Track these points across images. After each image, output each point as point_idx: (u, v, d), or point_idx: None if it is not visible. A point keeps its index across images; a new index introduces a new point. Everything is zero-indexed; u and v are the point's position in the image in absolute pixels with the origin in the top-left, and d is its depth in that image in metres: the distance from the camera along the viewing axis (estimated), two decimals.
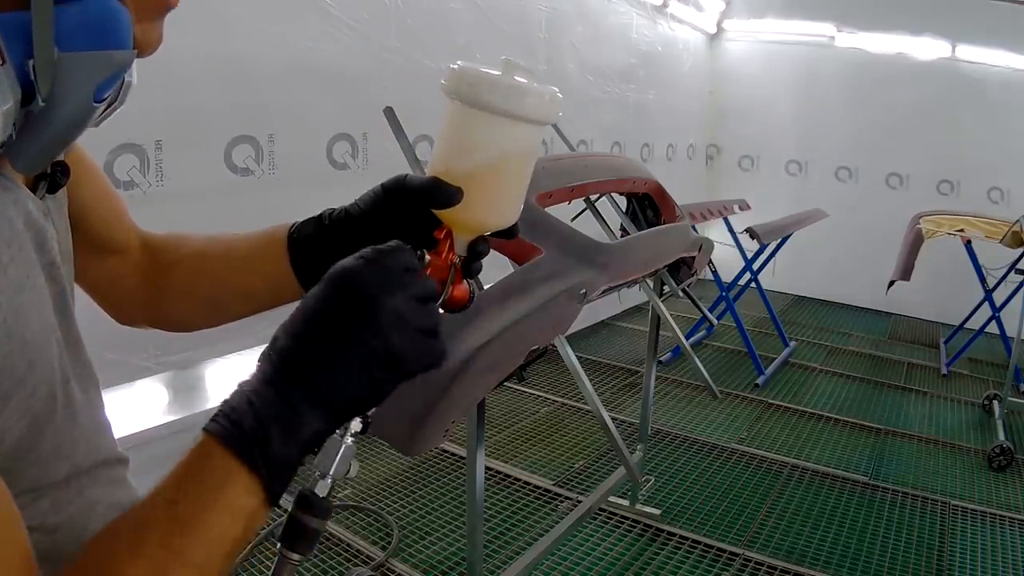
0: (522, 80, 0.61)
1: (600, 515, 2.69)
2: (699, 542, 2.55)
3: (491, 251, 0.69)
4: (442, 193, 0.62)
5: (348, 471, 0.57)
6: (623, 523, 2.66)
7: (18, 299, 0.51)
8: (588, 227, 1.94)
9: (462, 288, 0.65)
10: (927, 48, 5.36)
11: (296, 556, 0.55)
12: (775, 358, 4.49)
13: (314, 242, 0.72)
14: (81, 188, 0.70)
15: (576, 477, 2.99)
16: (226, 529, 0.49)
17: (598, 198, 2.31)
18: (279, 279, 0.74)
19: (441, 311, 0.63)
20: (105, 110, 0.56)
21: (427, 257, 0.62)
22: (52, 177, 0.60)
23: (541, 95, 0.62)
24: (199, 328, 0.84)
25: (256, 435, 0.50)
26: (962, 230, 4.17)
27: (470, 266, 0.66)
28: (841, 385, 4.24)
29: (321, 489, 0.56)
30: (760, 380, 4.11)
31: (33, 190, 0.58)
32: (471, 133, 0.62)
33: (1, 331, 0.49)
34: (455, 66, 0.62)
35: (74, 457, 0.60)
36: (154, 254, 0.81)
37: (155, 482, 0.51)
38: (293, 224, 0.75)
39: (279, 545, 0.56)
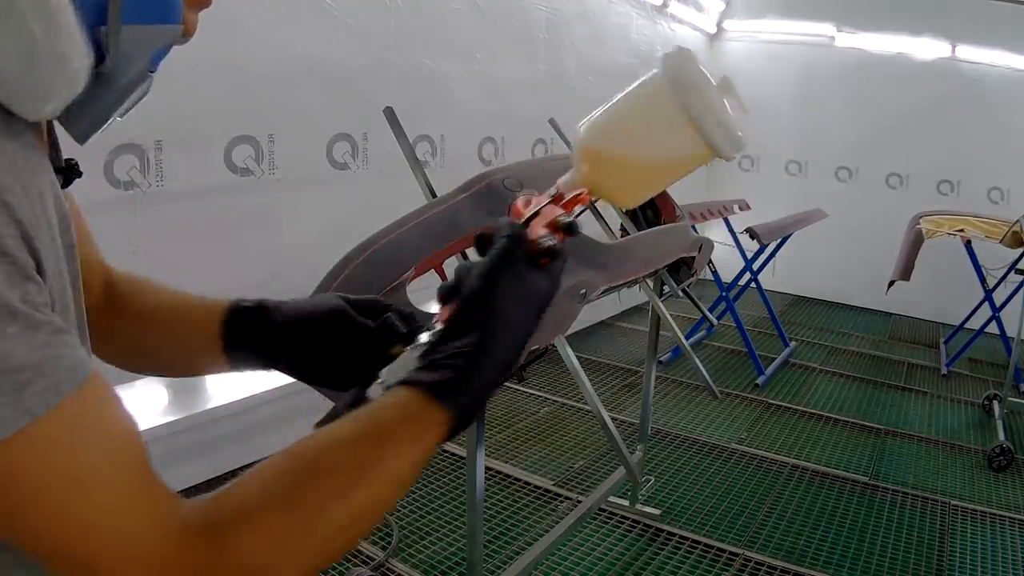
0: (729, 108, 0.63)
1: (600, 515, 2.69)
2: (699, 542, 2.55)
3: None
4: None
5: None
6: (623, 523, 2.66)
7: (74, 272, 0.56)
8: (588, 227, 1.94)
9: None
10: (927, 48, 5.36)
11: None
12: (775, 358, 4.49)
13: (250, 328, 0.78)
14: None
15: (576, 477, 2.99)
16: (411, 479, 0.58)
17: (598, 198, 2.31)
18: (208, 356, 0.79)
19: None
20: (137, 100, 0.60)
21: (542, 208, 0.66)
22: (67, 172, 0.60)
23: (735, 135, 0.64)
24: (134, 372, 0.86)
25: (466, 416, 0.59)
26: (962, 230, 4.18)
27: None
28: (841, 385, 4.24)
29: (375, 393, 0.63)
30: (760, 380, 4.11)
31: None
32: (664, 129, 0.64)
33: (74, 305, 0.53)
34: (683, 50, 0.63)
35: None
36: (110, 296, 0.79)
37: (364, 418, 0.57)
38: (233, 305, 0.79)
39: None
